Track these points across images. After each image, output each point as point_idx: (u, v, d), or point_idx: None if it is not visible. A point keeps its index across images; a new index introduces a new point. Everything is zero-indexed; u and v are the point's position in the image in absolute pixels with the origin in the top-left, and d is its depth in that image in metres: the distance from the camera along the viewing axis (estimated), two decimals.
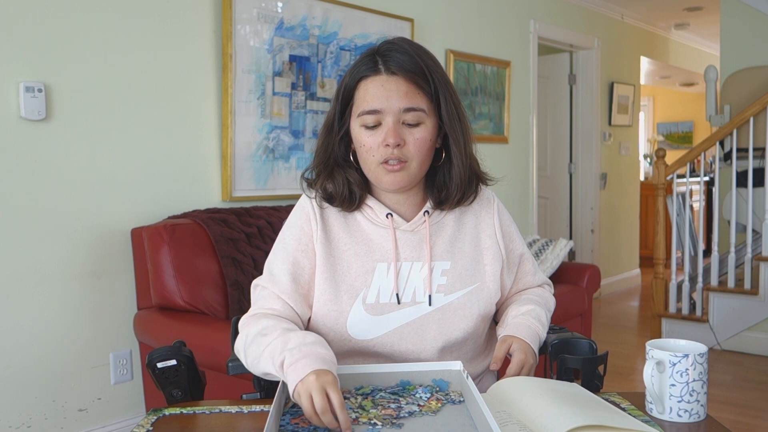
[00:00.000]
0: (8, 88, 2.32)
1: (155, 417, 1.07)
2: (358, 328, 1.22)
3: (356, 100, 1.21)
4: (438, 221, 1.28)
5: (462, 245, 1.29)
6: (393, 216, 1.25)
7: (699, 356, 1.02)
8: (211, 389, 1.29)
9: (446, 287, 1.25)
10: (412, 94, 1.18)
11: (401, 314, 1.23)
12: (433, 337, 1.24)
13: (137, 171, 2.67)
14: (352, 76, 1.22)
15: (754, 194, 4.11)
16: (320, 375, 0.99)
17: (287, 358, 1.03)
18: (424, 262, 1.25)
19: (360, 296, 1.22)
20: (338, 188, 1.24)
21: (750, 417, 3.07)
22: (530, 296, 1.36)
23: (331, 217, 1.27)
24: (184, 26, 2.79)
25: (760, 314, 3.98)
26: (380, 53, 1.20)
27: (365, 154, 1.21)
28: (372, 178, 1.24)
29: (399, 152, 1.18)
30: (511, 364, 1.21)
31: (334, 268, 1.23)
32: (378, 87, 1.18)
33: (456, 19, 4.12)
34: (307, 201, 1.28)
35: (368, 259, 1.24)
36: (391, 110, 1.18)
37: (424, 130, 1.20)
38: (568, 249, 3.54)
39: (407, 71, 1.18)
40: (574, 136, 5.66)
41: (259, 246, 2.65)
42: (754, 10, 4.52)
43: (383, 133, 1.18)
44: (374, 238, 1.25)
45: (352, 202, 1.25)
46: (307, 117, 3.23)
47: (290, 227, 1.28)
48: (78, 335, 2.52)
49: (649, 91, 9.53)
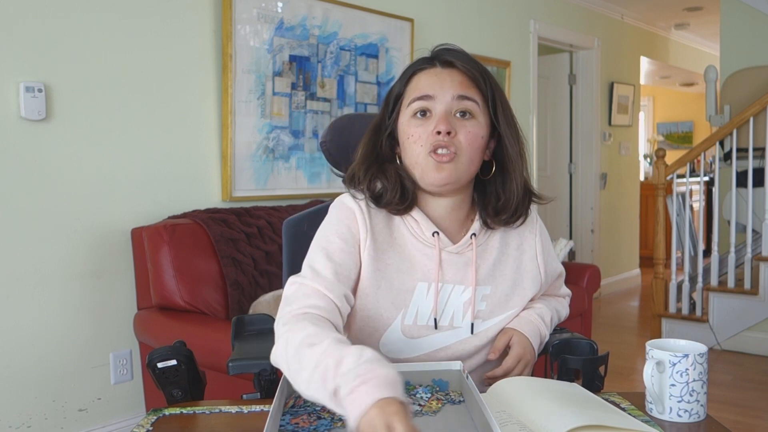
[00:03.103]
0: (8, 88, 2.32)
1: (155, 417, 1.07)
2: (391, 347, 1.18)
3: (407, 92, 1.18)
4: (483, 243, 1.23)
5: (503, 269, 1.24)
6: (439, 235, 1.19)
7: (699, 356, 1.02)
8: (211, 389, 1.29)
9: (485, 313, 1.22)
10: (467, 84, 1.15)
11: (437, 338, 1.19)
12: (465, 362, 1.20)
13: (137, 171, 2.67)
14: (403, 74, 1.19)
15: (754, 194, 4.11)
16: (384, 407, 0.82)
17: (343, 386, 0.87)
18: (466, 286, 1.20)
19: (399, 315, 1.17)
20: (390, 183, 1.17)
21: (750, 417, 3.07)
22: (545, 299, 1.35)
23: (378, 224, 1.19)
24: (184, 26, 2.79)
25: (760, 314, 3.98)
26: (435, 52, 1.19)
27: (413, 145, 1.15)
28: (418, 174, 1.16)
29: (449, 140, 1.12)
30: (507, 356, 1.20)
31: (378, 282, 1.17)
32: (431, 76, 1.16)
33: (456, 19, 4.12)
34: (352, 202, 1.19)
35: (409, 277, 1.18)
36: (443, 97, 1.14)
37: (476, 125, 1.15)
38: (568, 249, 3.54)
39: (463, 64, 1.16)
40: (574, 136, 5.66)
41: (259, 246, 2.65)
42: (754, 10, 4.52)
43: (434, 121, 1.13)
44: (417, 255, 1.19)
45: (404, 200, 1.17)
46: (307, 117, 3.23)
47: (334, 225, 1.18)
48: (78, 335, 2.52)
49: (649, 91, 9.53)
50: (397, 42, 3.63)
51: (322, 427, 0.98)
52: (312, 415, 1.02)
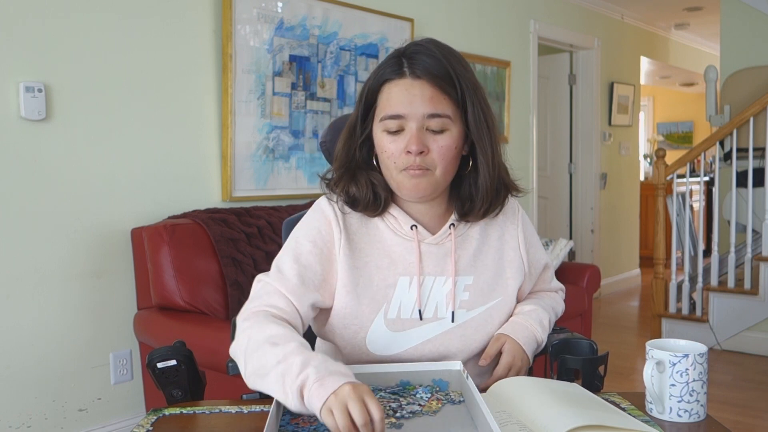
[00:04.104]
0: (8, 88, 2.32)
1: (155, 417, 1.07)
2: (377, 343, 1.18)
3: (379, 103, 1.17)
4: (463, 234, 1.24)
5: (485, 259, 1.25)
6: (418, 228, 1.20)
7: (699, 356, 1.02)
8: (211, 389, 1.29)
9: (468, 303, 1.22)
10: (437, 99, 1.13)
11: (422, 330, 1.19)
12: (453, 353, 1.21)
13: (137, 171, 2.67)
14: (376, 78, 1.17)
15: (754, 194, 4.11)
16: (355, 386, 0.90)
17: (311, 377, 0.93)
18: (447, 277, 1.21)
19: (381, 311, 1.18)
20: (362, 191, 1.18)
21: (750, 417, 3.07)
22: (539, 298, 1.35)
23: (353, 225, 1.21)
24: (184, 26, 2.79)
25: (760, 314, 3.98)
26: (406, 55, 1.15)
27: (387, 160, 1.16)
28: (394, 186, 1.18)
29: (421, 160, 1.13)
30: (498, 366, 1.21)
31: (357, 280, 1.18)
32: (402, 91, 1.13)
33: (456, 19, 4.12)
34: (327, 205, 1.21)
35: (390, 272, 1.19)
36: (414, 116, 1.12)
37: (448, 137, 1.14)
38: (568, 249, 3.54)
39: (433, 75, 1.12)
40: (574, 136, 5.66)
41: (259, 246, 2.65)
42: (754, 10, 4.52)
43: (405, 139, 1.13)
44: (397, 249, 1.20)
45: (376, 206, 1.20)
46: (307, 117, 3.23)
47: (307, 228, 1.21)
48: (78, 335, 2.52)
49: (649, 91, 9.53)
50: (397, 42, 3.57)
51: (322, 427, 0.98)
52: (312, 415, 1.02)
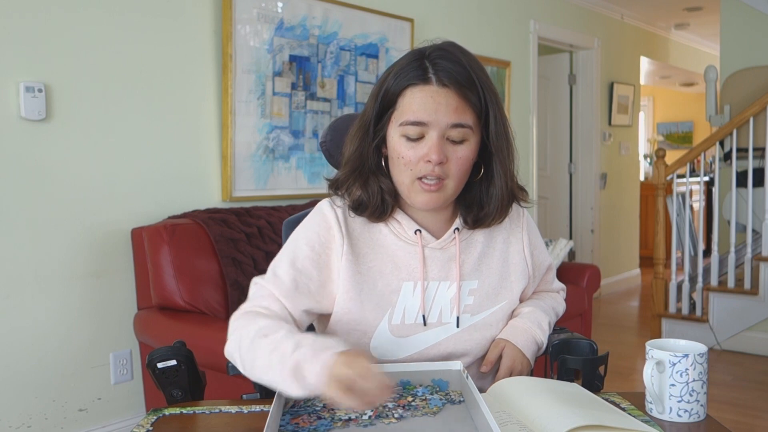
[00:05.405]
0: (8, 88, 2.32)
1: (155, 417, 1.07)
2: (381, 349, 1.17)
3: (400, 107, 1.12)
4: (467, 238, 1.23)
5: (490, 263, 1.24)
6: (422, 233, 1.19)
7: (699, 356, 1.02)
8: (211, 389, 1.29)
9: (473, 307, 1.21)
10: (462, 109, 1.10)
11: (427, 336, 1.18)
12: (458, 358, 1.19)
13: (137, 171, 2.67)
14: (397, 80, 1.12)
15: (754, 194, 4.11)
16: (351, 353, 0.93)
17: (305, 355, 0.95)
18: (451, 282, 1.20)
19: (385, 316, 1.17)
20: (371, 197, 1.16)
21: (750, 417, 3.07)
22: (539, 299, 1.34)
23: (356, 230, 1.19)
24: (184, 26, 2.79)
25: (760, 314, 3.98)
26: (431, 59, 1.11)
27: (402, 166, 1.12)
28: (404, 193, 1.15)
29: (440, 170, 1.11)
30: (499, 371, 1.21)
31: (360, 286, 1.16)
32: (426, 98, 1.09)
33: (456, 19, 4.12)
34: (329, 209, 1.19)
35: (394, 277, 1.18)
36: (437, 124, 1.09)
37: (467, 148, 1.12)
38: (568, 249, 3.54)
39: (460, 85, 1.09)
40: (574, 136, 5.66)
41: (259, 246, 2.66)
42: (754, 10, 4.52)
43: (426, 147, 1.10)
44: (400, 254, 1.19)
45: (383, 212, 1.18)
46: (307, 117, 3.23)
47: (306, 232, 1.19)
48: (78, 335, 2.52)
49: (649, 91, 9.53)
50: (397, 42, 3.63)
51: (322, 427, 0.98)
52: (312, 415, 1.02)
